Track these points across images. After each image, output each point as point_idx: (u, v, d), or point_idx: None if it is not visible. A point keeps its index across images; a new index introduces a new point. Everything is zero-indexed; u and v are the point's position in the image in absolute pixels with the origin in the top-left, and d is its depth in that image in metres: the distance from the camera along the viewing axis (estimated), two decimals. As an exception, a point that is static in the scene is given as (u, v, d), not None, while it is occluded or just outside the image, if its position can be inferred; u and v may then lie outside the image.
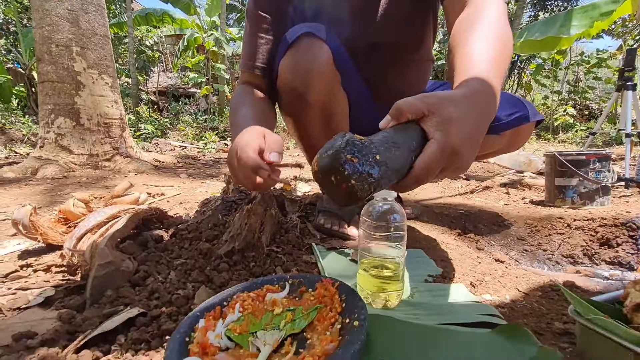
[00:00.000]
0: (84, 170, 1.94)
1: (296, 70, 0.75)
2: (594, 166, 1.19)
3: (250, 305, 0.45)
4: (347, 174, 0.33)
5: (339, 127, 0.93)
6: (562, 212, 1.14)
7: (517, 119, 0.91)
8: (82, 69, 1.97)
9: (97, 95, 2.03)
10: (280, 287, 0.50)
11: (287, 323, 0.41)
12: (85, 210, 0.74)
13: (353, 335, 0.34)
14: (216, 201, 0.87)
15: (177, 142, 3.84)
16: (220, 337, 0.39)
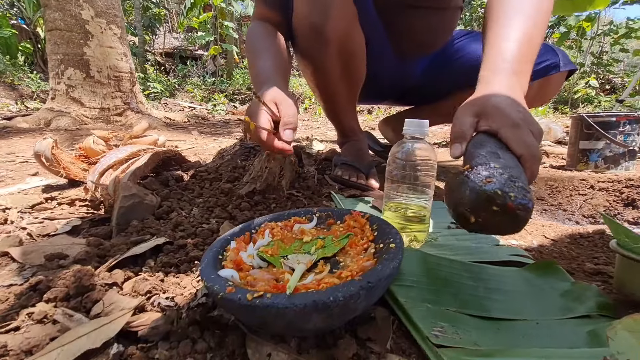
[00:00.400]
0: (96, 123, 1.94)
1: (314, 2, 0.71)
2: (623, 129, 1.14)
3: (279, 232, 0.45)
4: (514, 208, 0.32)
5: (359, 72, 0.89)
6: (586, 174, 1.11)
7: (546, 68, 0.87)
8: (89, 17, 1.90)
9: (106, 46, 1.98)
10: (308, 219, 0.50)
11: (318, 249, 0.41)
12: (105, 148, 0.73)
13: (390, 254, 0.34)
14: (234, 147, 0.86)
15: (186, 103, 3.78)
16: (252, 257, 0.39)
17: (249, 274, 0.36)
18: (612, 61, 7.84)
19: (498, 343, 0.32)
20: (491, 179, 0.34)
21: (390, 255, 0.33)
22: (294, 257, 0.39)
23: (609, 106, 5.39)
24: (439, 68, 1.03)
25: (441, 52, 1.01)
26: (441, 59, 1.02)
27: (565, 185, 1.04)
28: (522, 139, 0.40)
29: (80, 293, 0.38)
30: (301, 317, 0.28)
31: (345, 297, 0.27)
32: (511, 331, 0.33)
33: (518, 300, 0.38)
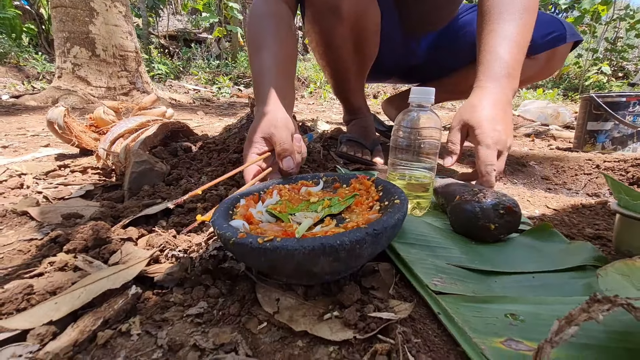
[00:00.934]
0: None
1: None
2: (633, 109, 1.13)
3: (287, 194, 0.46)
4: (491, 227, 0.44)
5: (371, 49, 0.88)
6: (592, 155, 1.10)
7: (553, 40, 0.87)
8: (94, -6, 1.88)
9: (111, 24, 1.97)
10: (315, 182, 0.51)
11: (324, 208, 0.43)
12: (115, 118, 0.74)
13: (395, 208, 0.35)
14: (241, 121, 0.87)
15: (190, 85, 3.77)
16: (261, 213, 0.41)
17: (259, 226, 0.37)
18: (626, 47, 7.61)
19: (495, 293, 0.33)
20: (487, 197, 0.45)
21: (395, 209, 0.34)
22: (302, 214, 0.41)
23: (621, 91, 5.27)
24: (445, 44, 1.02)
25: (447, 28, 1.00)
26: (447, 35, 1.00)
27: (571, 165, 1.04)
28: (487, 160, 0.55)
29: (98, 245, 0.40)
30: (309, 260, 0.29)
31: (351, 241, 0.29)
32: (508, 283, 0.35)
33: (516, 258, 0.39)
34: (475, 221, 0.44)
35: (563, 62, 0.97)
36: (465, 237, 0.45)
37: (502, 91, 0.60)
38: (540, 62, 0.94)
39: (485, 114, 0.57)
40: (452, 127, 0.63)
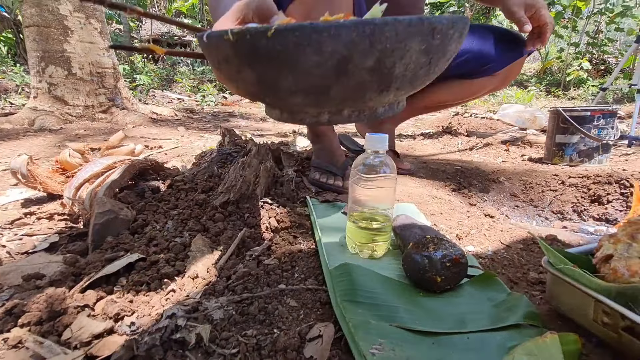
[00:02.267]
0: (80, 122, 1.93)
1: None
2: (597, 123, 1.17)
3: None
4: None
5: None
6: (559, 169, 1.14)
7: (510, 57, 0.93)
8: (68, 12, 1.86)
9: (87, 42, 1.94)
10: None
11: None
12: (81, 161, 0.75)
13: None
14: (212, 153, 0.88)
15: (174, 95, 3.74)
16: None
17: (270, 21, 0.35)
18: (606, 41, 7.77)
19: (430, 357, 0.35)
20: (437, 247, 0.47)
21: None
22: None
23: (597, 91, 5.38)
24: None
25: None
26: None
27: (538, 180, 1.08)
28: (550, 18, 0.82)
29: (52, 317, 0.41)
30: (404, 39, 0.23)
31: (451, 21, 0.25)
32: (444, 345, 0.37)
33: (458, 313, 0.41)
34: (423, 273, 0.46)
35: (519, 71, 1.02)
36: (415, 286, 0.47)
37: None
38: (500, 77, 0.99)
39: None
40: (514, 10, 0.81)
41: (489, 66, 0.96)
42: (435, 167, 1.26)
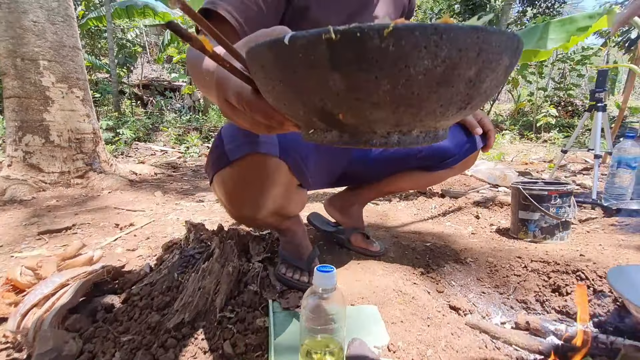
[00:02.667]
0: (55, 189, 1.90)
1: (241, 210, 0.70)
2: (555, 202, 1.22)
3: None
4: None
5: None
6: (523, 248, 1.17)
7: (466, 151, 0.99)
8: (50, 84, 1.91)
9: (67, 110, 1.98)
10: None
11: None
12: (33, 279, 0.73)
13: None
14: (174, 256, 0.87)
15: (157, 147, 3.77)
16: None
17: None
18: (571, 86, 8.40)
19: None
20: None
21: None
22: None
23: (568, 134, 5.70)
24: (380, 154, 1.08)
25: None
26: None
27: (503, 263, 1.10)
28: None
29: None
30: (502, 52, 0.22)
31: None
32: None
33: None
34: None
35: (475, 161, 1.08)
36: None
37: None
38: (456, 169, 1.05)
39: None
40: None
41: (447, 161, 1.02)
42: (406, 244, 1.28)
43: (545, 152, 4.58)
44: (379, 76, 0.22)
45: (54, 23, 1.89)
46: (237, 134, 0.61)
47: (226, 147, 0.60)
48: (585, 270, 0.93)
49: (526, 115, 8.76)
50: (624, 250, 1.10)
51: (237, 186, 0.65)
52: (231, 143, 0.60)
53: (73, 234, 1.30)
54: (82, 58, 2.08)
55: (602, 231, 1.38)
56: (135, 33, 7.76)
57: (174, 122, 4.93)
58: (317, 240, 1.30)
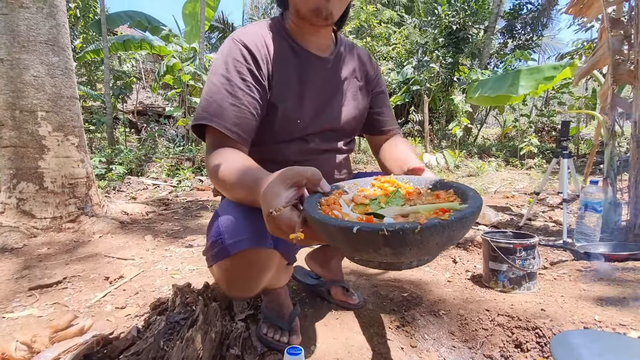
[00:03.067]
0: (46, 234, 1.94)
1: (237, 293, 0.81)
2: (520, 254, 1.32)
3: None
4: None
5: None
6: (492, 300, 1.25)
7: None
8: (47, 133, 1.99)
9: (62, 156, 2.05)
10: (342, 191, 0.59)
11: (385, 204, 0.52)
12: (27, 353, 0.78)
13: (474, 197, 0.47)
14: (160, 322, 0.93)
15: (149, 181, 3.83)
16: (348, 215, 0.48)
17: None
18: (553, 112, 8.78)
19: None
20: None
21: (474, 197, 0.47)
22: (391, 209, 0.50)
23: (547, 160, 5.92)
24: None
25: None
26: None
27: (473, 316, 1.17)
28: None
29: None
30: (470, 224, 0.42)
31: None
32: None
33: None
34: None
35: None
36: None
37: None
38: None
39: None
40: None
41: None
42: (385, 294, 1.35)
43: (529, 181, 4.75)
44: (412, 248, 0.39)
45: (54, 77, 2.00)
46: (237, 229, 0.68)
47: (227, 242, 0.67)
48: (543, 328, 1.01)
49: (512, 140, 9.09)
50: (582, 303, 1.18)
51: (235, 275, 0.73)
52: (231, 239, 0.67)
53: (63, 289, 1.34)
54: (78, 106, 2.18)
55: (568, 278, 1.47)
56: (132, 63, 7.97)
57: (167, 153, 5.01)
58: (300, 292, 1.36)
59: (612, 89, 1.89)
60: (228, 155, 0.70)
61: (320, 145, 0.90)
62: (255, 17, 15.43)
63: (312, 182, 0.53)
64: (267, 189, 0.51)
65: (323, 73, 0.88)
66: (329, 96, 0.90)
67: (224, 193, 0.71)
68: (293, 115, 0.84)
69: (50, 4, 1.97)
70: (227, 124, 0.72)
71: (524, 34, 9.54)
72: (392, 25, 9.22)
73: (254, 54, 0.78)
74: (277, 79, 0.81)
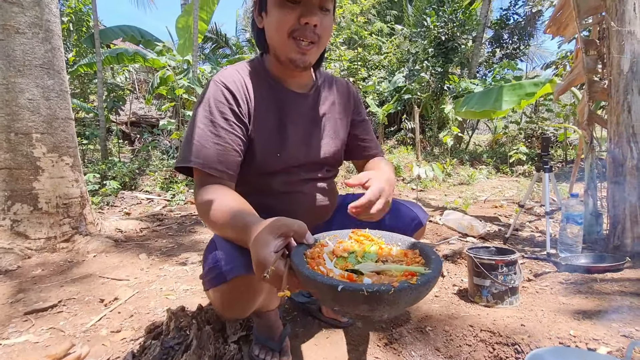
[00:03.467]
0: (40, 255, 1.96)
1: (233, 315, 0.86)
2: (502, 270, 1.37)
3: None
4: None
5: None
6: (476, 315, 1.30)
7: (415, 226, 1.09)
8: (41, 154, 2.02)
9: (56, 177, 2.08)
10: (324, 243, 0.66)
11: (362, 257, 0.60)
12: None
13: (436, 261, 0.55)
14: (155, 348, 0.96)
15: (143, 195, 3.84)
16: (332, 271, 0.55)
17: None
18: (542, 119, 8.98)
19: None
20: None
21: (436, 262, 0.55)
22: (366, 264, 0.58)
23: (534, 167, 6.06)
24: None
25: (329, 224, 1.11)
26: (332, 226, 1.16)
27: (457, 332, 1.22)
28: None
29: None
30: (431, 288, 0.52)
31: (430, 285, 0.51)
32: None
33: None
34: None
35: (423, 235, 1.20)
36: None
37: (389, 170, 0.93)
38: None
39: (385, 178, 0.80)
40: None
41: None
42: (374, 310, 1.39)
43: (518, 189, 4.85)
44: (385, 305, 0.46)
45: (49, 99, 2.04)
46: (233, 257, 0.72)
47: (224, 269, 0.71)
48: (522, 344, 1.06)
49: (503, 146, 9.26)
50: (560, 317, 1.24)
51: (231, 299, 0.77)
52: (228, 265, 0.71)
53: (59, 313, 1.36)
54: (73, 126, 2.22)
55: (549, 291, 1.53)
56: (125, 76, 8.00)
57: (160, 166, 5.03)
58: (292, 310, 1.40)
59: (589, 105, 1.98)
60: (216, 194, 0.74)
61: (304, 176, 0.96)
62: (247, 28, 15.59)
63: (298, 234, 0.58)
64: (257, 238, 0.56)
65: (302, 109, 0.94)
66: (309, 131, 0.95)
67: (213, 231, 0.76)
68: (273, 150, 0.89)
69: (46, 29, 2.02)
70: (213, 164, 0.77)
71: (511, 43, 9.79)
72: (383, 36, 9.40)
73: (234, 94, 0.84)
74: (257, 115, 0.87)
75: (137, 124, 9.77)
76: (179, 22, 7.19)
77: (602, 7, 1.81)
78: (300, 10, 0.79)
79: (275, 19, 0.81)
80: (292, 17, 0.79)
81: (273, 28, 0.83)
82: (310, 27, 0.80)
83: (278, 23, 0.80)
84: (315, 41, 0.82)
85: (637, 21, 1.72)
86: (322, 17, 0.81)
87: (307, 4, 0.79)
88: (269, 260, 0.52)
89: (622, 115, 1.79)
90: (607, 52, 1.85)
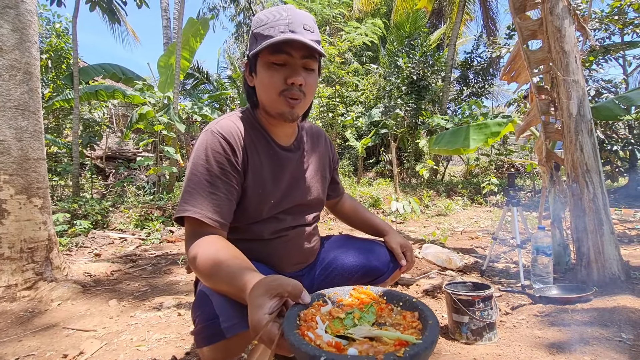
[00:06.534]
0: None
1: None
2: (479, 306, 1.40)
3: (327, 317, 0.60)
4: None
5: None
6: (457, 354, 1.30)
7: (392, 269, 1.13)
8: (8, 196, 1.93)
9: (23, 220, 1.98)
10: (323, 301, 0.63)
11: (359, 319, 0.58)
12: None
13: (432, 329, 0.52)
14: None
15: (116, 234, 3.68)
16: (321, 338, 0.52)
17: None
18: (510, 151, 9.54)
19: None
20: None
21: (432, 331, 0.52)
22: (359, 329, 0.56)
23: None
24: (323, 280, 1.22)
25: (314, 265, 1.14)
26: (316, 271, 1.17)
27: (439, 372, 1.21)
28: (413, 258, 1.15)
29: None
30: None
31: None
32: None
33: None
34: None
35: (399, 276, 1.23)
36: None
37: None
38: (388, 282, 1.18)
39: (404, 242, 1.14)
40: (393, 247, 1.13)
41: (379, 278, 1.18)
42: (356, 353, 1.36)
43: (492, 219, 5.02)
44: None
45: (21, 140, 1.99)
46: (231, 312, 0.71)
47: (222, 326, 0.70)
48: (500, 384, 1.07)
49: (476, 177, 9.69)
50: (536, 351, 1.27)
51: (229, 355, 0.74)
52: (226, 322, 0.70)
53: (15, 373, 1.25)
54: (45, 167, 2.16)
55: (526, 324, 1.56)
56: (103, 112, 7.94)
57: (135, 203, 4.87)
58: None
59: (545, 144, 2.16)
60: (210, 245, 0.75)
61: (291, 222, 1.00)
62: (227, 66, 16.07)
63: (293, 295, 0.59)
64: (253, 298, 0.57)
65: (291, 156, 0.99)
66: (298, 177, 1.01)
67: (205, 282, 0.75)
68: (267, 197, 0.93)
69: (25, 71, 2.02)
70: (208, 213, 0.79)
71: (476, 82, 10.58)
72: (359, 75, 9.93)
73: (231, 144, 0.87)
74: (251, 165, 0.92)
75: (113, 158, 9.53)
76: (161, 61, 7.34)
77: (549, 59, 2.04)
78: (285, 72, 0.86)
79: (266, 80, 0.87)
80: (279, 78, 0.86)
81: (263, 88, 0.89)
82: (295, 86, 0.86)
83: (268, 84, 0.87)
84: (301, 98, 0.89)
85: (579, 71, 1.95)
86: (307, 75, 0.88)
87: (292, 66, 0.86)
88: (263, 322, 0.54)
89: (575, 153, 1.95)
90: (557, 97, 2.06)
